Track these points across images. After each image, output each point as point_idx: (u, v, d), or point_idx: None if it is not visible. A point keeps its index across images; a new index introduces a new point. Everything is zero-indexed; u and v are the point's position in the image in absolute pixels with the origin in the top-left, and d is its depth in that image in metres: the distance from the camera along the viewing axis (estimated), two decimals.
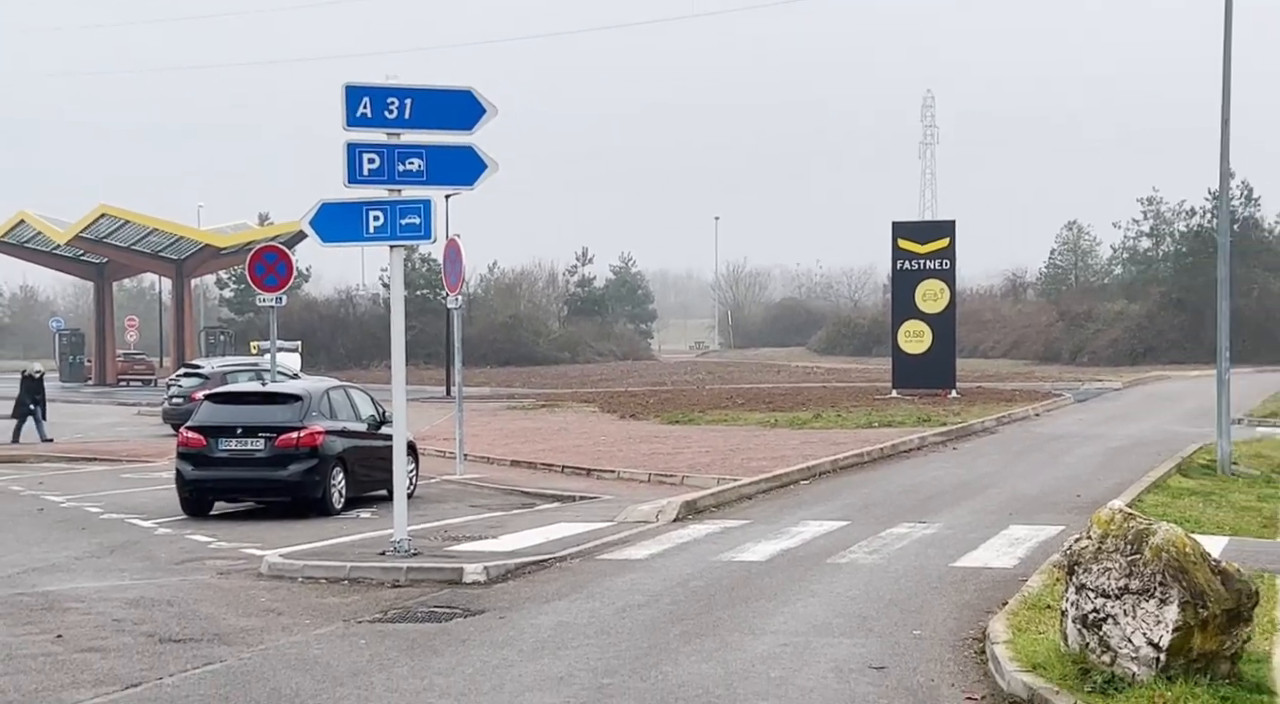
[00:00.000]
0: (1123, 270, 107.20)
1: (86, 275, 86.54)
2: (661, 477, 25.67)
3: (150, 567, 16.73)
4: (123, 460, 33.06)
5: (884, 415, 37.55)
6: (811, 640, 11.51)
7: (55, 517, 21.93)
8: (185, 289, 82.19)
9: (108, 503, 23.59)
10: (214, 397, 23.16)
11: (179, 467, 21.84)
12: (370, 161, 15.82)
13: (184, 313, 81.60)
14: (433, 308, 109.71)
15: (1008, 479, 24.35)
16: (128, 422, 49.50)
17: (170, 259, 79.20)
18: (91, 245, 75.48)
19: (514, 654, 11.29)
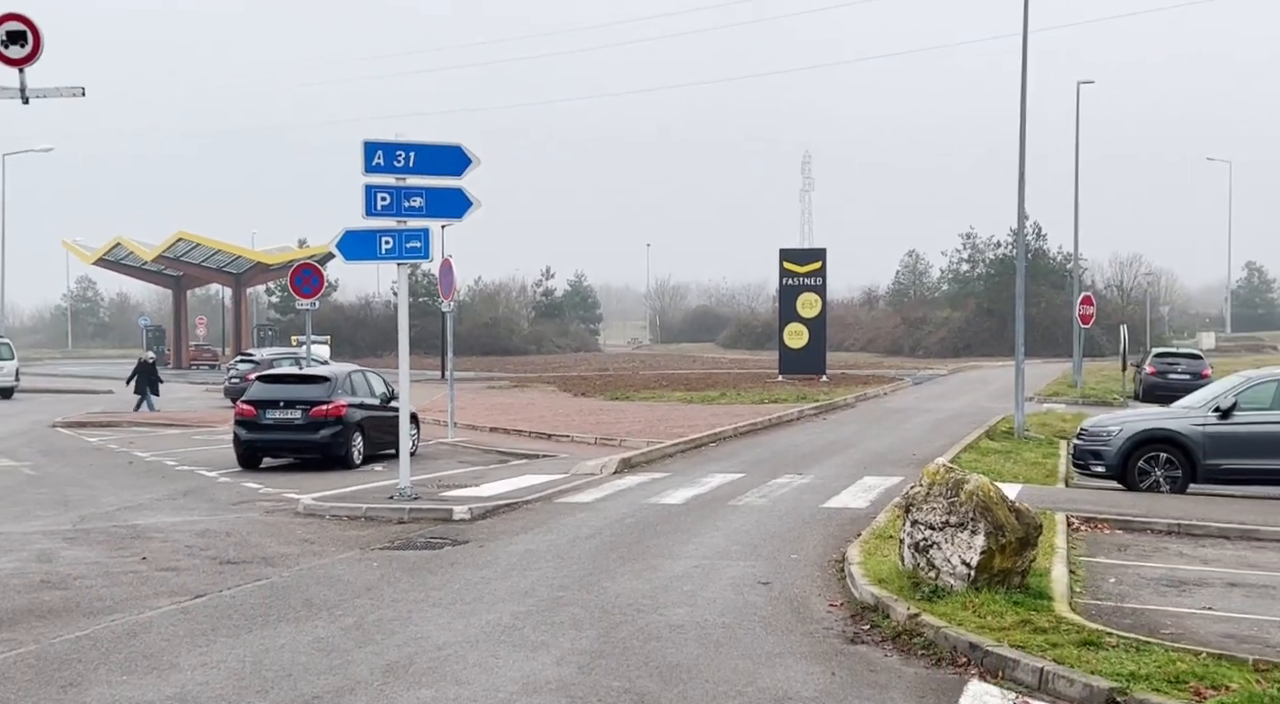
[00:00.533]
0: (948, 287, 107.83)
1: (166, 285, 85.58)
2: (605, 440, 25.57)
3: (213, 506, 16.51)
4: (193, 426, 32.59)
5: (773, 394, 37.70)
6: (715, 563, 11.52)
7: (141, 468, 21.59)
8: (242, 296, 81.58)
9: (181, 458, 23.26)
10: (263, 378, 22.89)
11: (236, 430, 21.61)
12: (383, 199, 15.69)
13: (241, 314, 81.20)
14: (431, 311, 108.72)
15: (863, 441, 24.51)
16: (197, 396, 48.80)
17: (231, 273, 78.51)
18: (170, 262, 74.85)
19: (491, 574, 11.24)
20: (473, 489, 17.01)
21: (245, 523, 14.80)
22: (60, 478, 20.01)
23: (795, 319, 48.74)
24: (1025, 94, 25.26)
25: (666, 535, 13.14)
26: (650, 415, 31.01)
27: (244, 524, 14.68)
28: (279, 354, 46.87)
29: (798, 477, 18.30)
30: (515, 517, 14.84)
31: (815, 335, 48.64)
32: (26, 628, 9.34)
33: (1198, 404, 17.10)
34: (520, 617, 9.45)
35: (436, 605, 9.94)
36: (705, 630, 8.90)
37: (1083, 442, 17.48)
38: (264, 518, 15.28)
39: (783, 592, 10.25)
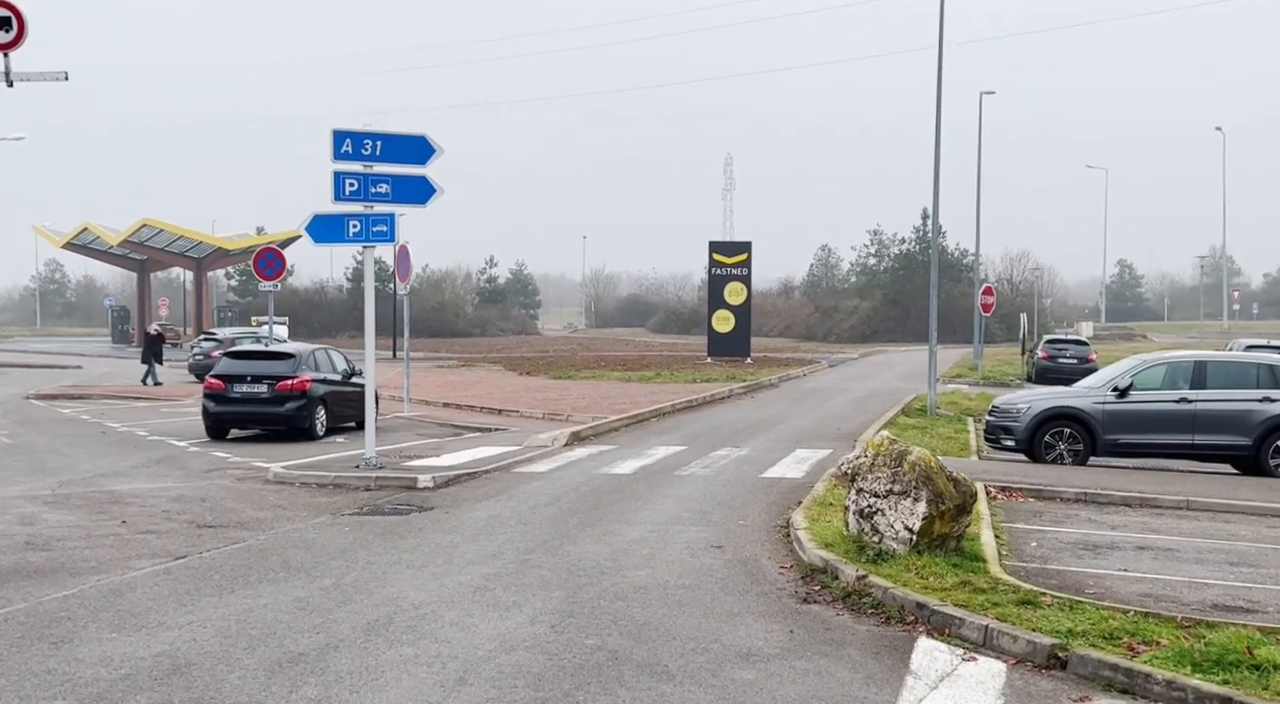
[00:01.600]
0: (857, 279, 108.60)
1: (131, 268, 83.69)
2: (553, 415, 25.24)
3: (186, 474, 16.00)
4: (161, 400, 31.75)
5: (704, 375, 37.52)
6: (669, 529, 11.31)
7: (114, 438, 20.93)
8: (203, 279, 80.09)
9: (152, 429, 22.61)
10: (231, 354, 22.27)
11: (204, 403, 21.04)
12: (351, 185, 15.24)
13: (202, 296, 79.69)
14: (383, 296, 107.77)
15: (790, 418, 24.43)
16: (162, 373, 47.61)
17: (193, 258, 77.00)
18: (135, 247, 73.17)
19: (459, 538, 10.94)
20: (433, 459, 16.65)
21: (218, 489, 14.34)
22: (37, 446, 19.33)
23: (723, 306, 48.64)
24: (940, 112, 25.28)
25: (620, 503, 12.92)
26: (593, 393, 30.73)
27: (217, 490, 14.22)
28: (240, 333, 45.97)
29: (735, 449, 18.15)
30: (476, 485, 14.52)
31: (740, 321, 48.58)
32: (15, 587, 8.90)
33: (1098, 384, 17.20)
34: (491, 578, 9.18)
35: (410, 567, 9.63)
36: (667, 591, 8.69)
37: (994, 419, 17.53)
38: (236, 485, 14.82)
39: (735, 555, 10.07)
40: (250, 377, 20.86)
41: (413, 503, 13.22)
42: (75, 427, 23.12)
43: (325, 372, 22.05)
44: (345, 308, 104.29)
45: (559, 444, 18.64)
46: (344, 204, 15.32)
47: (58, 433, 21.73)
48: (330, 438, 21.31)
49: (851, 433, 20.93)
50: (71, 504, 13.06)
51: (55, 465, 16.68)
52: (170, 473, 16.06)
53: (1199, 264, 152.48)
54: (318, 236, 15.60)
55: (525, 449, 18.10)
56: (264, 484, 14.82)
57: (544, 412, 25.69)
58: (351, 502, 13.32)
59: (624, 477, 15.10)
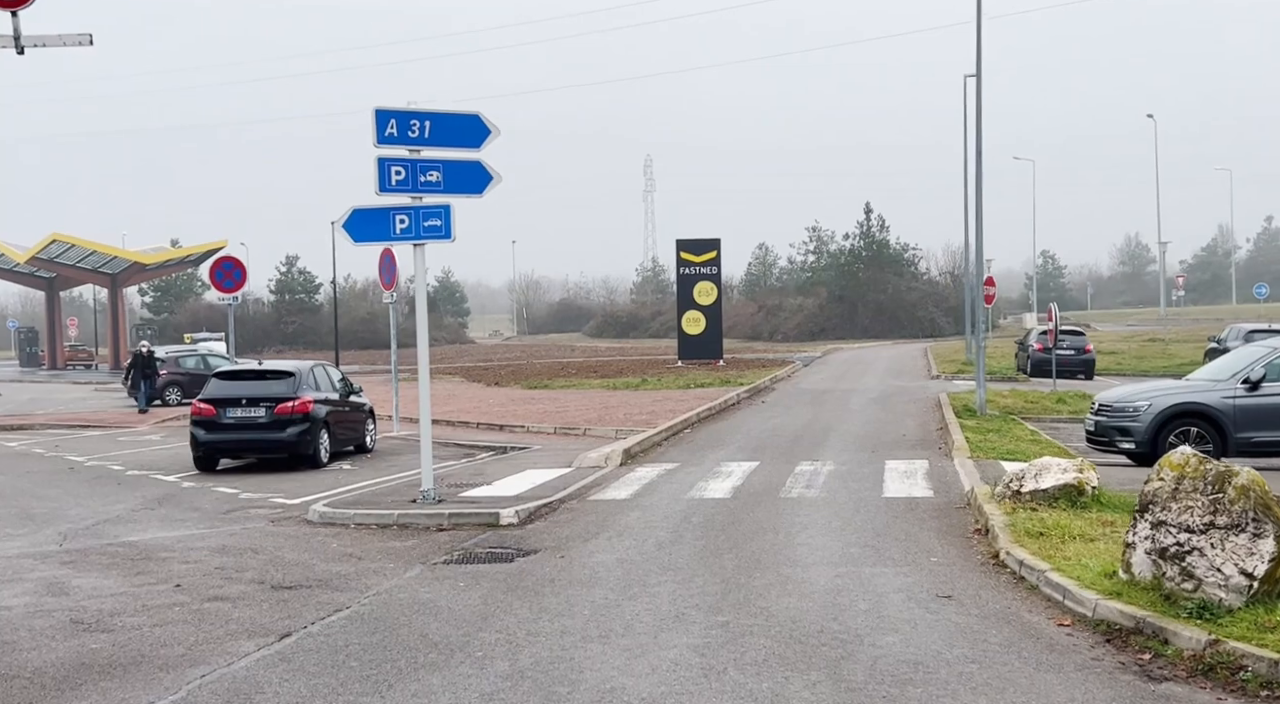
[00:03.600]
0: (796, 276, 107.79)
1: (38, 286, 79.54)
2: (566, 429, 23.31)
3: (203, 516, 13.81)
4: (111, 427, 29.13)
5: (692, 380, 35.73)
6: (858, 571, 9.41)
7: (86, 474, 18.56)
8: (119, 296, 75.97)
9: (124, 461, 20.26)
10: (221, 375, 19.94)
11: (193, 431, 18.77)
12: (397, 174, 13.20)
13: (119, 315, 75.52)
14: (309, 307, 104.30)
15: (831, 424, 22.65)
16: (92, 396, 44.61)
17: (107, 273, 73.00)
18: (44, 264, 69.17)
19: (610, 593, 8.97)
20: (488, 489, 14.62)
21: (260, 536, 12.20)
22: (5, 488, 16.89)
23: (693, 307, 46.96)
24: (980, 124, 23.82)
25: (756, 537, 11.06)
26: (590, 403, 28.80)
27: (260, 537, 12.08)
28: (182, 351, 43.06)
29: (817, 463, 16.35)
30: (564, 519, 12.55)
31: (712, 322, 46.97)
32: (95, 691, 6.79)
33: (1222, 376, 15.79)
34: (704, 652, 7.27)
35: (589, 639, 7.68)
36: (956, 669, 6.84)
37: (1106, 418, 16.01)
38: (276, 529, 12.68)
39: (979, 607, 8.24)
40: (245, 399, 18.65)
41: (506, 544, 11.23)
42: (35, 463, 20.62)
43: (325, 391, 19.90)
44: (270, 321, 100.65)
45: (613, 464, 16.73)
46: (389, 196, 13.28)
47: (19, 470, 19.25)
48: (335, 464, 19.22)
49: (921, 438, 19.32)
50: (95, 563, 10.84)
51: (41, 513, 14.34)
52: (184, 516, 13.85)
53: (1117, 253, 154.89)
54: (358, 235, 13.53)
55: (580, 471, 16.17)
56: (309, 527, 12.70)
57: (554, 426, 23.74)
58: (433, 546, 11.28)
59: (726, 502, 13.23)
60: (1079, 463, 11.10)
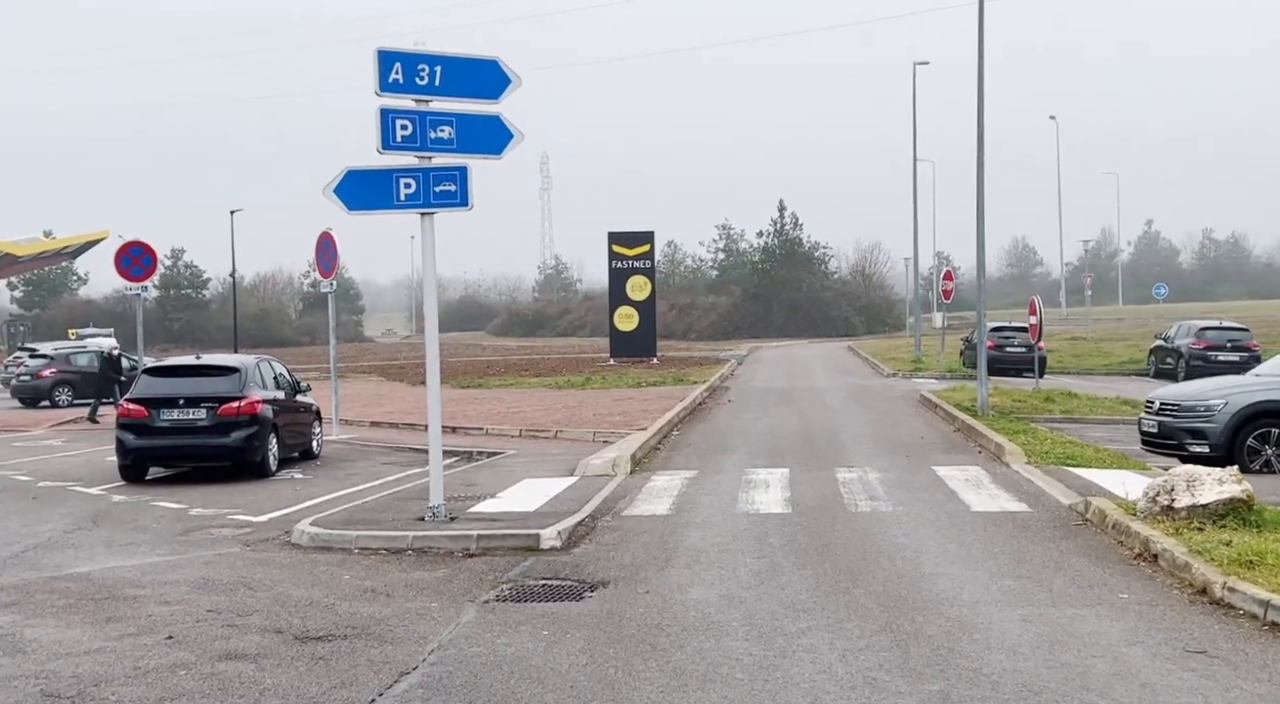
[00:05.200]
0: (704, 274, 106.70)
1: None
2: (532, 432, 21.31)
3: (157, 539, 11.57)
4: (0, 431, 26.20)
5: (640, 378, 33.82)
6: (1046, 613, 7.55)
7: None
8: None
9: (30, 470, 17.72)
10: (152, 371, 17.52)
11: (120, 436, 16.34)
12: (403, 128, 11.14)
13: None
14: (196, 304, 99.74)
15: (830, 425, 20.80)
16: None
17: None
18: None
19: (751, 646, 7.03)
20: (496, 502, 12.62)
21: (245, 565, 10.04)
22: None
23: (625, 302, 45.11)
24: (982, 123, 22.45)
25: (871, 564, 9.20)
26: (541, 403, 26.80)
27: (246, 567, 9.93)
28: (71, 348, 39.77)
29: (855, 469, 14.62)
30: (607, 540, 10.61)
31: (645, 318, 45.20)
32: None
33: None
34: None
35: None
36: None
37: (1173, 418, 14.62)
38: (258, 555, 10.52)
39: (1265, 671, 6.46)
40: (183, 399, 16.30)
41: (562, 575, 9.29)
42: None
43: (272, 389, 17.62)
44: (153, 318, 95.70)
45: (623, 471, 14.84)
46: (392, 155, 11.22)
47: None
48: (284, 473, 17.02)
49: (947, 442, 17.82)
50: (47, 606, 8.60)
51: None
52: (132, 538, 11.60)
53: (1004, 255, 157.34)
54: (353, 202, 11.44)
55: (588, 480, 14.24)
56: (300, 553, 10.58)
57: (519, 429, 21.72)
58: (471, 578, 9.28)
59: (791, 518, 11.40)
60: (1234, 473, 9.59)
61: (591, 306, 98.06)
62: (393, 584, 9.11)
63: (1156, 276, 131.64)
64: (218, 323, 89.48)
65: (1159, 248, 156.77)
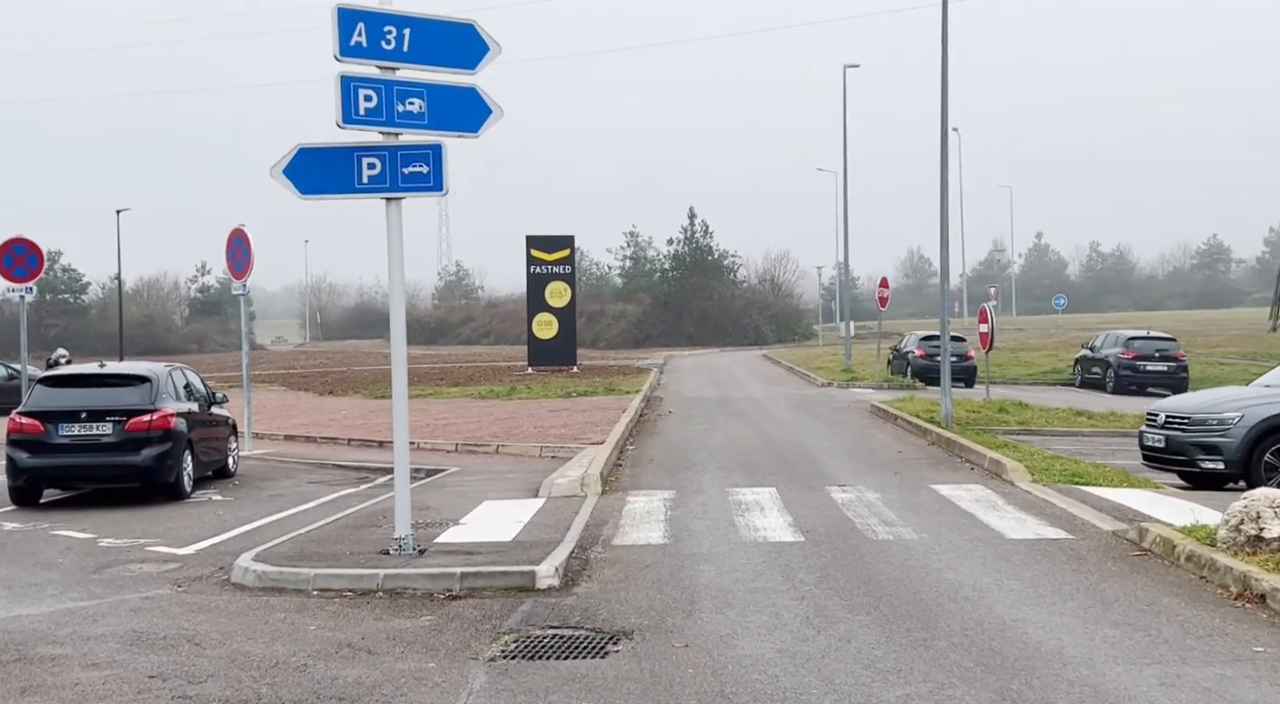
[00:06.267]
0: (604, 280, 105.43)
1: None
2: (470, 446, 19.84)
3: (67, 578, 9.94)
4: None
5: (570, 388, 32.31)
6: (1183, 673, 6.34)
7: None
8: None
9: None
10: (49, 380, 15.67)
11: (11, 454, 14.54)
12: (367, 99, 9.70)
13: None
14: (74, 309, 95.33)
15: (791, 439, 19.55)
16: None
17: None
18: None
19: None
20: (462, 530, 11.18)
21: (182, 612, 8.49)
22: None
23: (544, 309, 43.61)
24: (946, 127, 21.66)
25: (932, 607, 7.92)
26: (469, 414, 25.25)
27: (185, 615, 8.37)
28: None
29: (849, 490, 13.44)
30: (609, 577, 9.24)
31: (565, 325, 43.76)
32: None
33: None
34: None
35: None
36: None
37: (1182, 432, 13.80)
38: (197, 599, 8.96)
39: None
40: (86, 413, 14.54)
41: (571, 622, 7.93)
42: None
43: (186, 400, 15.92)
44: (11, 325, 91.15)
45: (593, 491, 13.50)
46: (354, 131, 9.77)
47: None
48: (200, 494, 15.40)
49: (929, 458, 16.78)
50: None
51: None
52: (35, 577, 9.96)
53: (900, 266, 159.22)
54: (306, 185, 9.96)
55: (557, 502, 12.86)
56: (247, 595, 9.04)
57: (454, 443, 20.23)
58: (464, 628, 7.85)
59: (807, 547, 10.15)
60: None
61: (496, 314, 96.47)
62: (371, 637, 7.67)
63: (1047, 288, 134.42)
64: (98, 329, 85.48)
65: (1049, 260, 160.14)
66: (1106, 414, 24.31)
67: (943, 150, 20.95)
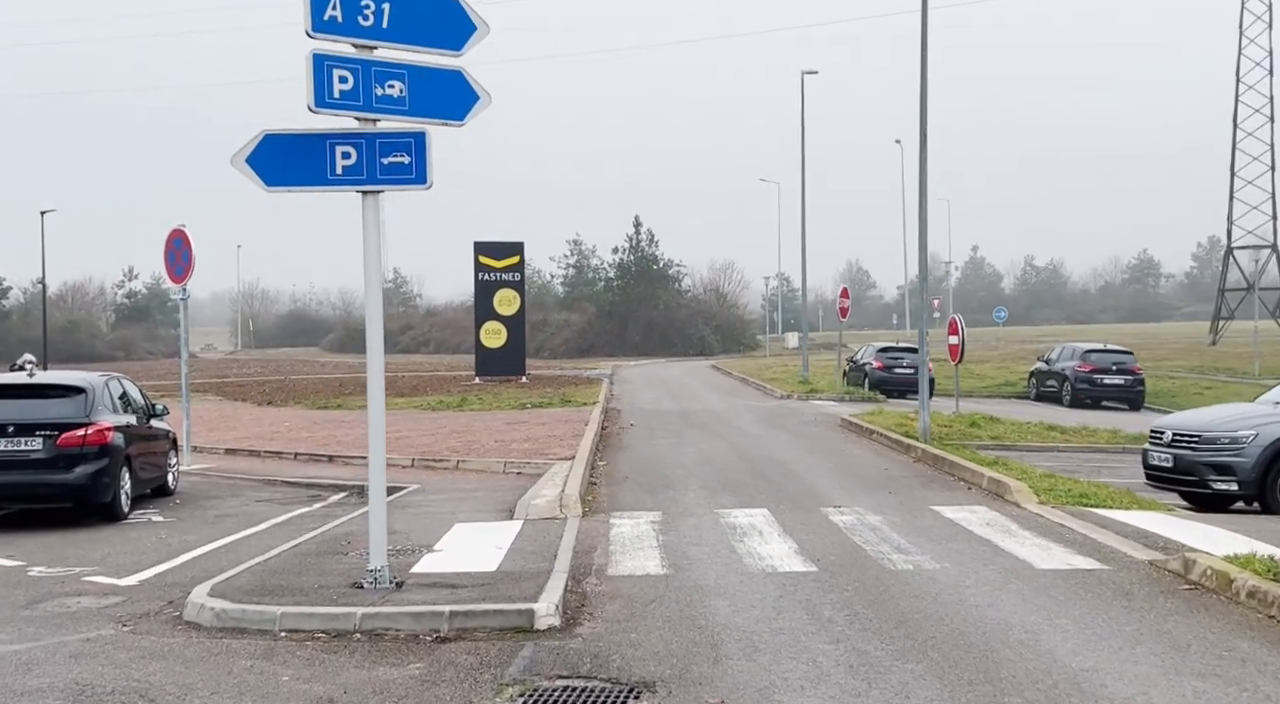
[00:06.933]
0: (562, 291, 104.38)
1: None
2: (427, 461, 18.84)
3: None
4: None
5: (524, 399, 31.28)
6: None
7: None
8: None
9: None
10: None
11: None
12: (342, 81, 8.77)
13: None
14: None
15: (768, 454, 18.75)
16: None
17: None
18: None
19: None
20: (439, 558, 10.24)
21: (133, 658, 7.47)
22: None
23: (493, 317, 42.55)
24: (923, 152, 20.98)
25: (990, 654, 7.15)
26: (421, 427, 24.20)
27: (132, 662, 7.36)
28: None
29: (846, 512, 12.65)
30: (612, 614, 8.33)
31: (514, 334, 42.76)
32: None
33: None
34: None
35: None
36: None
37: (1192, 451, 13.20)
38: (148, 641, 7.94)
39: None
40: (13, 426, 13.44)
41: (582, 670, 7.04)
42: None
43: (124, 413, 14.81)
44: None
45: (573, 513, 12.59)
46: (327, 115, 8.82)
47: None
48: (139, 514, 14.33)
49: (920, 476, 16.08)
50: None
51: None
52: None
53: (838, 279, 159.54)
54: (272, 176, 8.99)
55: (535, 525, 11.93)
56: (204, 637, 8.03)
57: (410, 458, 19.18)
58: (459, 676, 6.95)
59: (822, 578, 9.31)
60: None
61: (436, 322, 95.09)
62: (355, 690, 6.73)
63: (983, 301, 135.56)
64: (19, 335, 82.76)
65: (984, 272, 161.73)
66: (1079, 429, 23.92)
67: (921, 157, 20.34)
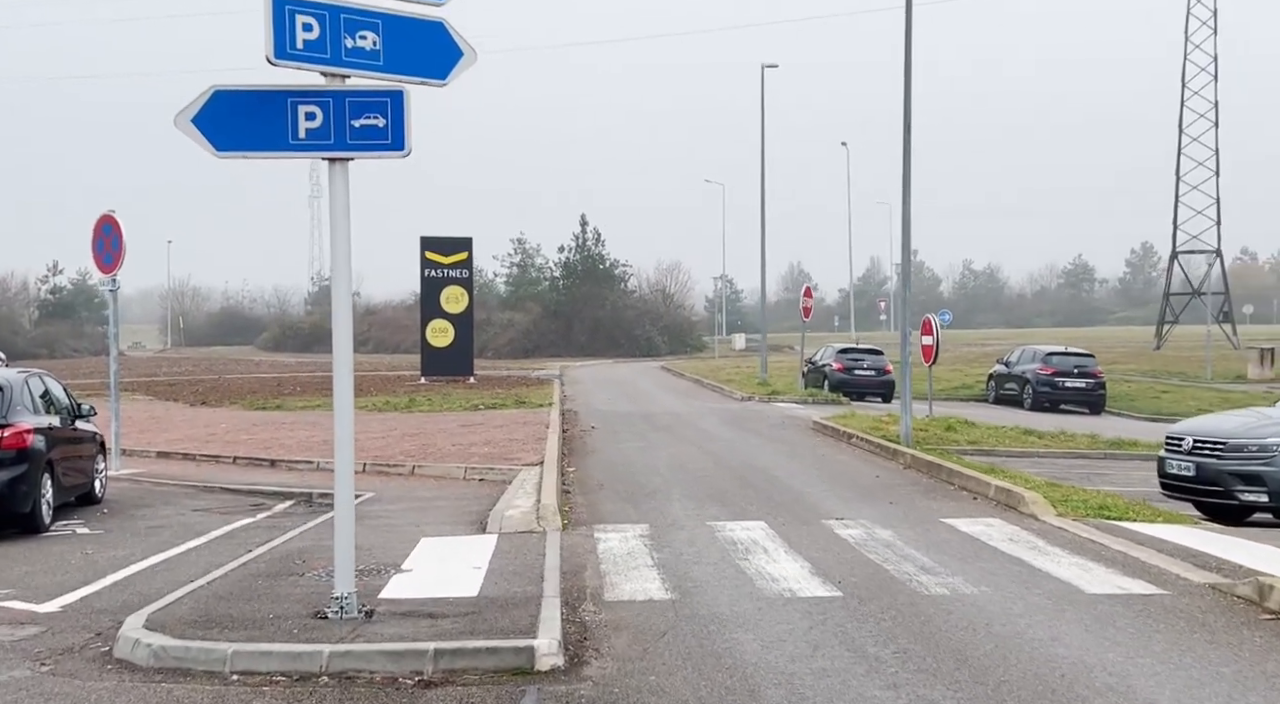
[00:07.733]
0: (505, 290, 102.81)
1: None
2: (380, 466, 17.60)
3: None
4: None
5: (477, 400, 29.91)
6: None
7: None
8: None
9: None
10: None
11: None
12: (306, 29, 7.60)
13: None
14: None
15: (745, 460, 17.74)
16: None
17: None
18: None
19: None
20: (409, 579, 9.08)
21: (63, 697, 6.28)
22: None
23: (439, 315, 41.09)
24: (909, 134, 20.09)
25: None
26: (370, 429, 22.78)
27: None
28: None
29: (853, 526, 11.64)
30: (621, 649, 7.26)
31: (462, 333, 41.32)
32: None
33: None
34: None
35: None
36: None
37: (1216, 459, 12.35)
38: (69, 686, 6.73)
39: None
40: None
41: None
42: None
43: (44, 414, 13.45)
44: None
45: (551, 526, 11.45)
46: (288, 67, 7.64)
47: None
48: (62, 526, 13.03)
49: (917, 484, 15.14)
50: None
51: None
52: None
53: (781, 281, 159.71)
54: (223, 140, 7.79)
55: (510, 539, 10.81)
56: (138, 678, 6.84)
57: (362, 463, 17.87)
58: None
59: (848, 603, 8.31)
60: None
61: (375, 321, 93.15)
62: None
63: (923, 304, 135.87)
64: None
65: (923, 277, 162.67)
66: (1056, 433, 23.25)
67: (905, 157, 19.44)
